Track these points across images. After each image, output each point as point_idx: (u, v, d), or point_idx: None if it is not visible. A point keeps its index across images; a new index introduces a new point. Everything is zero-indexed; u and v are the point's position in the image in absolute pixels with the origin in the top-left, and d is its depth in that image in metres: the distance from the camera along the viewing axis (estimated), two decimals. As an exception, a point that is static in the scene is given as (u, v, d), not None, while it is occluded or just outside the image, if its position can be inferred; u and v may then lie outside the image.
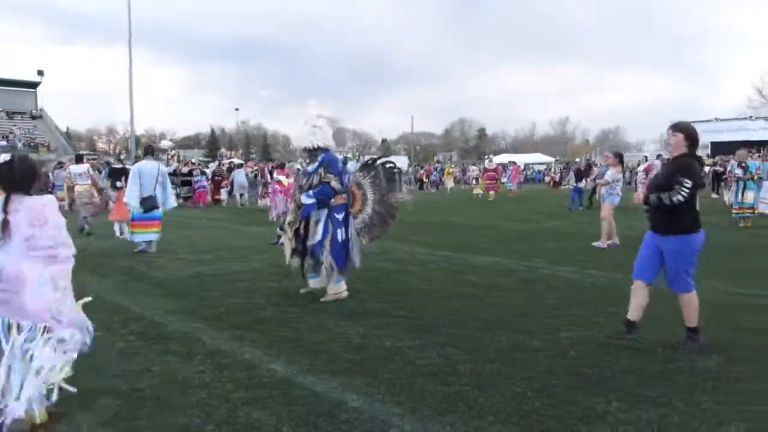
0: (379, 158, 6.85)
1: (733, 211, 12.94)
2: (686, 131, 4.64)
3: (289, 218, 6.43)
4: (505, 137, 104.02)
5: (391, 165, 6.71)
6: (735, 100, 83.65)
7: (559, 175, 46.13)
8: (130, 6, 36.65)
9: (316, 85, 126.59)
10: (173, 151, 31.28)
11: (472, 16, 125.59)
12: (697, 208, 4.61)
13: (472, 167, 39.26)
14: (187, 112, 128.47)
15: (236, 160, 48.58)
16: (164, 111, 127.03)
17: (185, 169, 25.84)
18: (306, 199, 6.11)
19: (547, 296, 6.49)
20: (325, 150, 6.31)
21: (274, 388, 3.93)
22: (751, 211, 12.69)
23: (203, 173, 24.76)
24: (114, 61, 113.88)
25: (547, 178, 49.90)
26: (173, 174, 25.91)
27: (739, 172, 12.45)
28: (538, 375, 4.11)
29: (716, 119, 38.73)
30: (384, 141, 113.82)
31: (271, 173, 20.72)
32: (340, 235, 6.18)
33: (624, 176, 10.72)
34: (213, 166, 29.58)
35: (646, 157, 21.56)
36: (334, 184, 6.12)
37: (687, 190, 4.38)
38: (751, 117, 37.70)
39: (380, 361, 4.43)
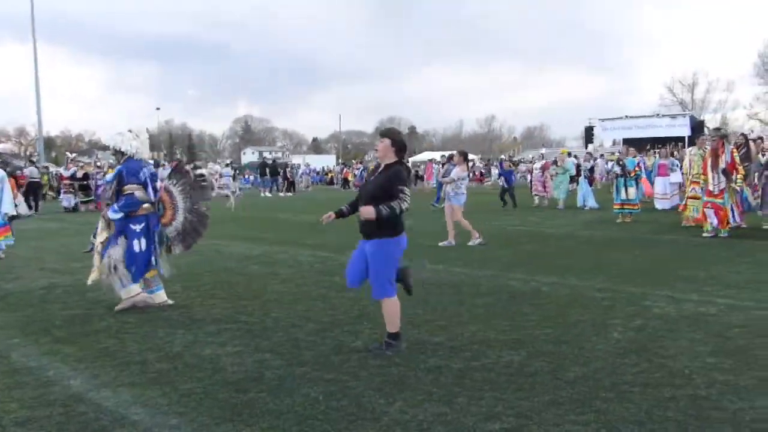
0: (187, 165, 6.74)
1: (614, 207, 13.33)
2: (392, 136, 4.59)
3: (100, 238, 6.11)
4: (435, 135, 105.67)
5: (201, 174, 6.66)
6: (651, 97, 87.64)
7: (479, 172, 47.39)
8: (33, 2, 35.18)
9: (243, 84, 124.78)
10: (72, 155, 29.83)
11: (401, 15, 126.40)
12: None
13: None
14: (108, 113, 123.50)
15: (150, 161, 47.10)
16: (84, 112, 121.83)
17: (80, 174, 24.63)
18: (113, 215, 5.94)
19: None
20: (130, 158, 6.11)
21: (59, 406, 3.73)
22: (631, 207, 13.06)
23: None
24: (27, 60, 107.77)
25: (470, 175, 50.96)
26: (71, 178, 24.78)
27: (617, 169, 12.97)
28: (342, 377, 4.09)
29: (626, 116, 40.41)
30: (315, 140, 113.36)
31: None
32: (138, 246, 5.98)
33: (469, 175, 10.66)
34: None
35: (542, 154, 22.19)
36: (139, 194, 5.97)
37: (408, 198, 4.39)
38: (658, 114, 39.57)
39: (188, 371, 4.31)
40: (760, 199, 10.37)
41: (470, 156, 52.03)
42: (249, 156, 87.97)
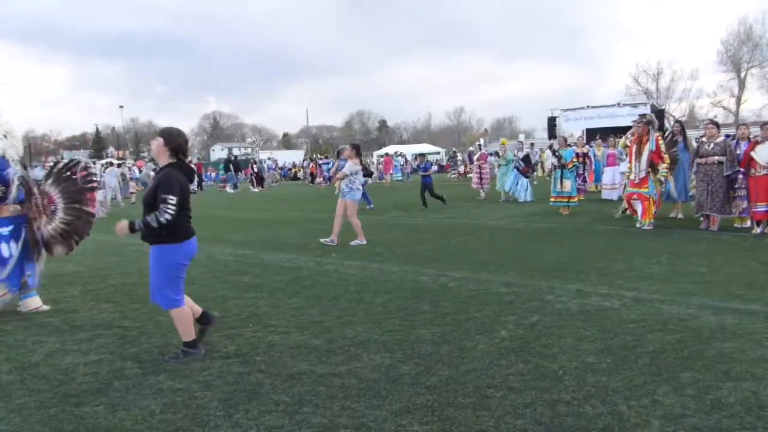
0: (56, 164, 6.36)
1: (551, 200, 13.04)
2: (166, 135, 4.28)
3: None
4: (407, 128, 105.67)
5: (87, 172, 6.27)
6: (618, 87, 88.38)
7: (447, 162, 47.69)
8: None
9: (213, 80, 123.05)
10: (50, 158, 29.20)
11: (371, 7, 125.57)
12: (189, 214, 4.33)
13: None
14: (74, 112, 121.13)
15: (113, 160, 46.28)
16: (49, 111, 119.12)
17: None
18: None
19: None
20: None
21: None
22: (568, 199, 12.73)
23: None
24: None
25: (434, 167, 51.12)
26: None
27: (554, 161, 12.75)
28: (193, 386, 3.80)
29: (588, 106, 40.37)
30: (285, 135, 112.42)
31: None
32: (6, 250, 5.63)
33: (362, 170, 10.08)
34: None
35: (480, 145, 21.93)
36: None
37: (173, 207, 4.04)
38: (618, 104, 39.67)
39: (35, 382, 4.07)
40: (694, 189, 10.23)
41: (435, 148, 52.21)
42: (218, 152, 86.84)
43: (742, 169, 8.82)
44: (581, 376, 3.78)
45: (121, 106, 78.40)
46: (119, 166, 33.28)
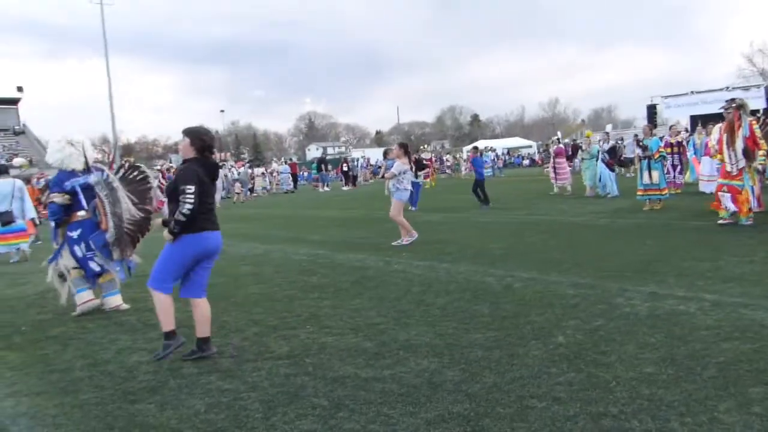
0: (121, 168, 6.64)
1: (638, 194, 12.20)
2: (192, 135, 4.34)
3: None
4: (499, 122, 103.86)
5: (137, 174, 6.53)
6: (728, 69, 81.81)
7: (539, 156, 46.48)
8: (104, 16, 37.24)
9: (308, 81, 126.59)
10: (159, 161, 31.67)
11: (458, 1, 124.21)
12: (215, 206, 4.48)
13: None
14: (180, 117, 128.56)
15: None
16: (159, 117, 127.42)
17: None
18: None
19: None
20: (58, 168, 6.18)
21: (-45, 416, 3.75)
22: (659, 192, 11.90)
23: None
24: (102, 73, 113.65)
25: (526, 161, 50.20)
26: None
27: (638, 151, 12.00)
28: (240, 386, 3.92)
29: (692, 92, 37.88)
30: (378, 133, 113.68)
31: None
32: (79, 251, 6.03)
33: (411, 168, 9.90)
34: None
35: (558, 139, 20.76)
36: (58, 200, 6.03)
37: (191, 196, 4.14)
38: (728, 87, 36.86)
39: (102, 379, 4.29)
40: None
41: (526, 142, 51.08)
42: (313, 152, 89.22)
43: None
44: (635, 387, 3.53)
45: (222, 111, 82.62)
46: (221, 167, 35.11)
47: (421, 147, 39.60)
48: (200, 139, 4.39)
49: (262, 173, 38.76)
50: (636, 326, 4.68)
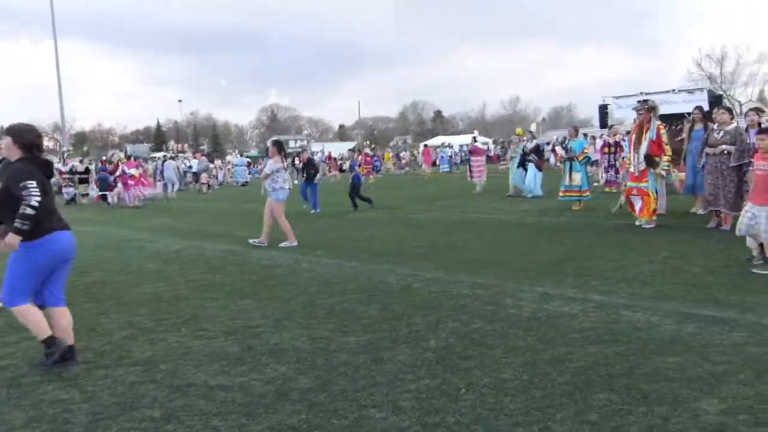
0: None
1: (560, 194, 12.07)
2: (14, 133, 4.07)
3: None
4: (462, 119, 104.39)
5: None
6: (683, 73, 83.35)
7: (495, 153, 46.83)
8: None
9: (272, 74, 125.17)
10: (64, 149, 30.49)
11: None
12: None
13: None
14: (140, 106, 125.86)
15: (168, 153, 48.00)
16: (117, 105, 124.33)
17: (81, 167, 25.07)
18: None
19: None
20: None
21: None
22: (579, 193, 11.71)
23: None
24: (62, 56, 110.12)
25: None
26: (70, 173, 25.27)
27: (562, 152, 11.99)
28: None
29: (641, 93, 38.43)
30: (341, 127, 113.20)
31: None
32: None
33: (285, 167, 9.42)
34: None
35: (474, 138, 20.88)
36: None
37: (35, 189, 3.85)
38: (674, 90, 37.61)
39: None
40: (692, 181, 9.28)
41: (484, 139, 51.19)
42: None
43: (753, 161, 7.94)
44: (483, 395, 3.42)
45: (180, 100, 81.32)
46: (173, 158, 34.49)
47: (365, 143, 39.54)
48: (22, 137, 4.10)
49: (219, 165, 38.16)
50: (512, 329, 4.59)
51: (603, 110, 42.18)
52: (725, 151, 8.05)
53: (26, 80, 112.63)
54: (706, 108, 35.45)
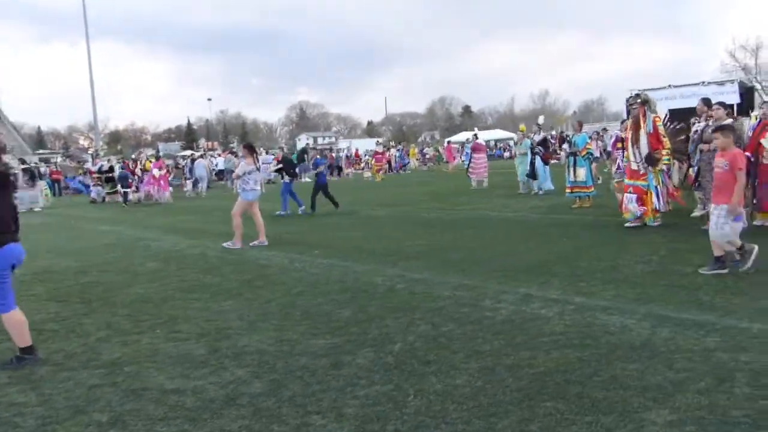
0: None
1: (566, 190, 11.86)
2: None
3: None
4: (491, 113, 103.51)
5: None
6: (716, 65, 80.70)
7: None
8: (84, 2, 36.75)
9: (302, 72, 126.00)
10: (90, 150, 31.26)
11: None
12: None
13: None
14: (173, 106, 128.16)
15: (197, 152, 48.63)
16: (151, 105, 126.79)
17: (107, 167, 25.60)
18: None
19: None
20: None
21: None
22: (584, 189, 11.48)
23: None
24: (98, 58, 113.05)
25: (507, 154, 50.04)
26: (99, 172, 25.85)
27: (566, 147, 11.74)
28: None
29: (670, 86, 37.62)
30: (369, 123, 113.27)
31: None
32: None
33: (258, 168, 9.37)
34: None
35: (475, 135, 20.38)
36: None
37: None
38: (703, 82, 36.64)
39: None
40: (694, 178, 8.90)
41: (509, 134, 50.73)
42: (303, 142, 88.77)
43: (749, 155, 7.62)
44: (431, 402, 3.36)
45: (209, 99, 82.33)
46: (202, 156, 34.99)
47: (377, 141, 39.58)
48: None
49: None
50: (482, 332, 4.52)
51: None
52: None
53: (65, 82, 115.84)
54: (737, 101, 34.40)
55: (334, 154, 39.99)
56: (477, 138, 20.02)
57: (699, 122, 9.06)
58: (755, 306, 4.75)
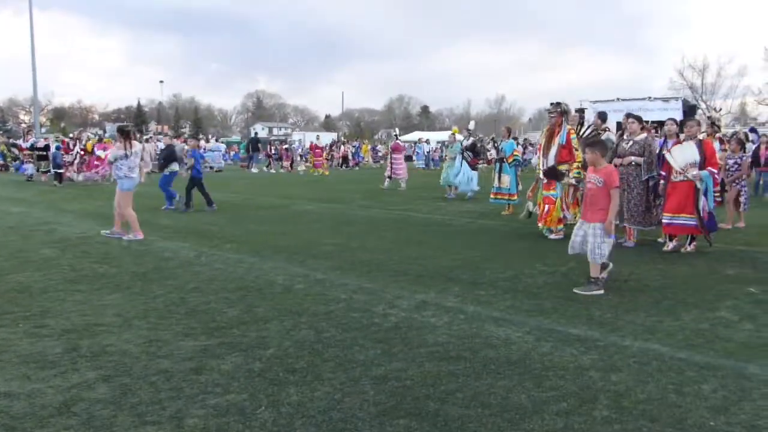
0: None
1: (491, 196, 11.82)
2: None
3: None
4: (449, 115, 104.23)
5: None
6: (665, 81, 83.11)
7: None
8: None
9: (262, 60, 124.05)
10: (23, 125, 30.13)
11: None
12: None
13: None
14: (126, 85, 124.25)
15: (147, 136, 47.22)
16: (104, 83, 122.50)
17: (41, 144, 24.49)
18: None
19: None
20: None
21: None
22: (507, 196, 11.55)
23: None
24: (46, 29, 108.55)
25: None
26: (30, 149, 24.77)
27: (493, 152, 11.75)
28: None
29: (618, 99, 38.63)
30: (327, 117, 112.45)
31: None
32: None
33: (129, 155, 8.52)
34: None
35: (396, 135, 20.31)
36: None
37: None
38: (650, 98, 37.77)
39: None
40: None
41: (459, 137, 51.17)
42: (259, 132, 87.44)
43: (664, 173, 7.68)
44: (280, 416, 3.16)
45: (161, 81, 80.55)
46: (147, 141, 33.86)
47: (317, 136, 39.61)
48: None
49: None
50: (363, 340, 4.34)
51: (580, 114, 42.15)
52: (632, 163, 7.82)
53: (7, 53, 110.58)
54: (680, 117, 35.65)
55: (285, 147, 39.41)
56: (397, 138, 19.88)
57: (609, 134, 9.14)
58: (645, 323, 4.72)
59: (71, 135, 34.25)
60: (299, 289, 5.83)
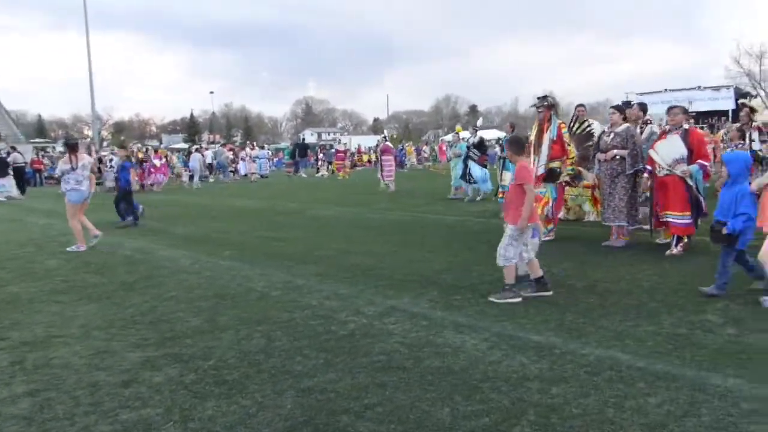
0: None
1: (499, 195, 11.21)
2: None
3: None
4: (498, 113, 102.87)
5: None
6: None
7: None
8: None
9: (312, 67, 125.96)
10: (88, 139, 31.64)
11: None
12: None
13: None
14: (181, 98, 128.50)
15: (194, 146, 48.52)
16: (163, 97, 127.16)
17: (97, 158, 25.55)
18: None
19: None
20: None
21: None
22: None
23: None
24: (110, 49, 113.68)
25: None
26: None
27: (497, 150, 11.29)
28: None
29: (666, 89, 37.28)
30: (376, 120, 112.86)
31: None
32: None
33: (75, 167, 8.55)
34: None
35: (384, 137, 19.59)
36: None
37: None
38: (699, 87, 36.24)
39: None
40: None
41: (501, 133, 50.02)
42: (308, 137, 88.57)
43: (649, 167, 7.12)
44: (188, 430, 3.04)
45: (212, 92, 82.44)
46: (197, 150, 34.84)
47: (338, 138, 39.58)
48: None
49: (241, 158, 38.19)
50: (310, 349, 4.22)
51: (627, 107, 40.69)
52: (617, 156, 7.34)
53: (73, 72, 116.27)
54: (732, 106, 33.70)
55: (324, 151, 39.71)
56: (386, 140, 19.50)
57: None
58: (618, 329, 4.41)
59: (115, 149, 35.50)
60: (274, 296, 5.74)
